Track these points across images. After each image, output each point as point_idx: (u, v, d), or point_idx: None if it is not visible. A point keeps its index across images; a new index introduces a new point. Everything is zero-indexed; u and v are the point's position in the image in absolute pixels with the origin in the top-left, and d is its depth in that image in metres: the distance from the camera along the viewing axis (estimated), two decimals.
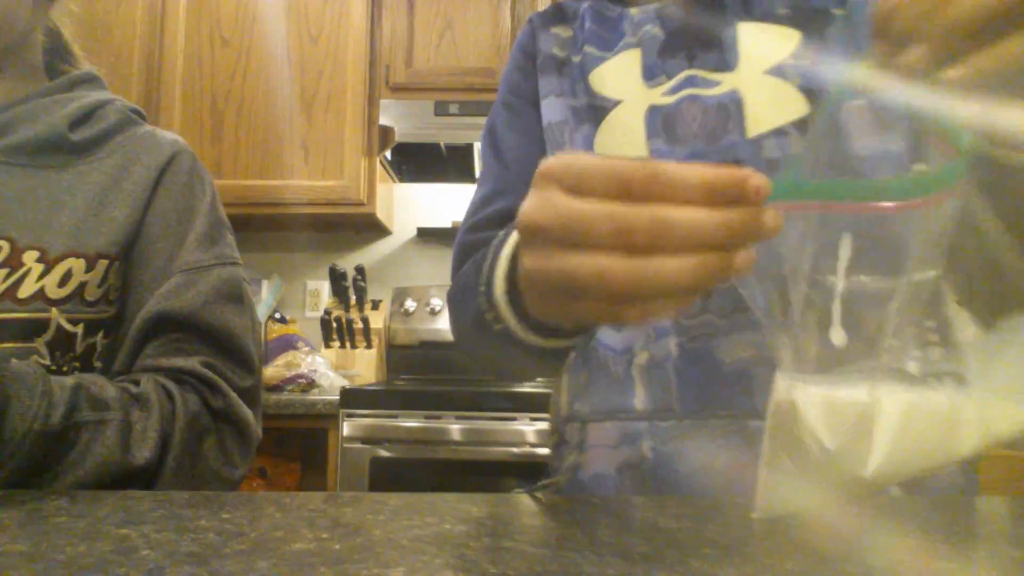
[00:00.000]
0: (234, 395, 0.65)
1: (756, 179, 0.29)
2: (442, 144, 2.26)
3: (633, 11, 0.65)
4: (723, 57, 0.59)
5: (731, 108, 0.57)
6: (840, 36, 0.58)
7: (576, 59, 0.66)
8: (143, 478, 0.57)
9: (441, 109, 2.02)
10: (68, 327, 0.61)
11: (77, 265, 0.62)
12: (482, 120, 2.00)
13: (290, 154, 2.04)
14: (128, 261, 0.66)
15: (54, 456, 0.52)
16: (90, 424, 0.54)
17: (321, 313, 2.16)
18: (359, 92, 2.06)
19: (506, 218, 0.63)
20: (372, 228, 2.34)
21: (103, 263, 0.63)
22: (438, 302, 2.23)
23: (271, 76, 2.07)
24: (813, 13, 0.58)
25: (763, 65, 0.58)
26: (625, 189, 0.29)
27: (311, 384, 1.89)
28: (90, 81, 0.72)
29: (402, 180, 2.43)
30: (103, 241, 0.64)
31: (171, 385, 0.61)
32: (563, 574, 0.28)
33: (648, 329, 0.57)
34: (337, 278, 2.14)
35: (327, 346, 2.15)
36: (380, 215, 2.15)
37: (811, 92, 0.55)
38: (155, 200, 0.68)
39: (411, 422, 1.65)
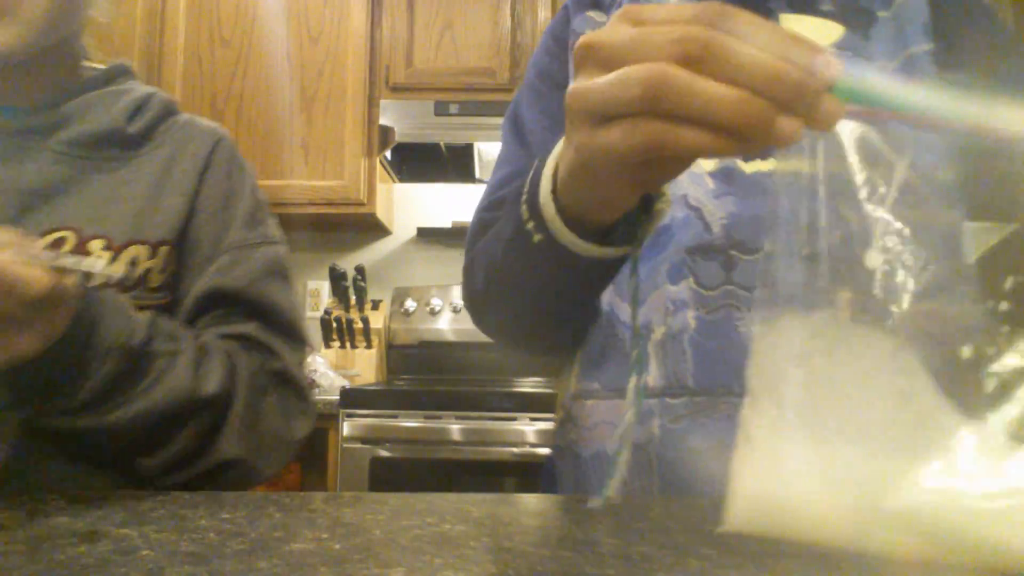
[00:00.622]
0: (289, 359, 0.66)
1: (828, 57, 0.28)
2: (442, 144, 2.26)
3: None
4: None
5: None
6: (885, 36, 0.58)
7: None
8: (210, 414, 0.58)
9: (441, 109, 2.02)
10: None
11: (142, 252, 0.64)
12: (482, 120, 2.02)
13: (290, 154, 2.04)
14: (180, 247, 0.68)
15: (129, 381, 0.54)
16: (164, 354, 0.56)
17: (321, 313, 2.16)
18: (359, 92, 2.06)
19: None
20: (372, 228, 2.34)
21: (164, 249, 0.65)
22: (438, 302, 2.23)
23: (271, 76, 2.07)
24: (858, 12, 0.59)
25: None
26: (693, 20, 0.29)
27: (311, 384, 1.89)
28: (126, 73, 0.73)
29: (402, 180, 2.43)
30: (162, 229, 0.65)
31: (231, 344, 0.63)
32: (563, 574, 0.28)
33: (667, 303, 0.56)
34: (337, 278, 2.14)
35: (327, 346, 2.15)
36: (380, 215, 2.15)
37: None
38: (203, 187, 0.70)
39: (411, 422, 1.65)
